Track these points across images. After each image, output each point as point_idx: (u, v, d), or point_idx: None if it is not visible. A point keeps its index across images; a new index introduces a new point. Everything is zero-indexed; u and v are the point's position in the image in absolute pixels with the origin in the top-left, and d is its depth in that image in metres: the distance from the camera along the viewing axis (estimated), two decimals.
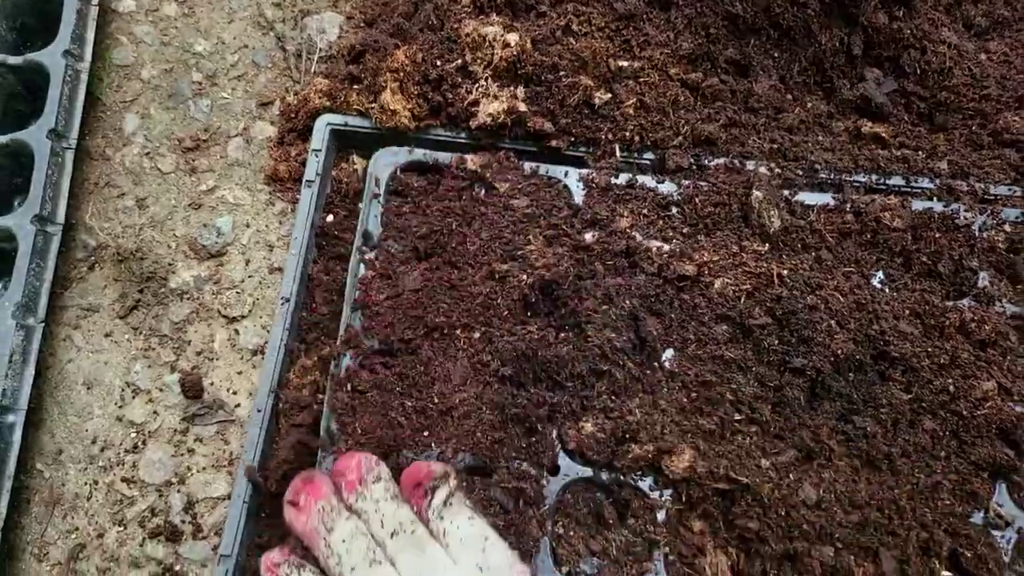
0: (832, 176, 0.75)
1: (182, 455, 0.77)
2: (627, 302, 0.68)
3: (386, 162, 0.75)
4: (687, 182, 0.75)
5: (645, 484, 0.64)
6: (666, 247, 0.71)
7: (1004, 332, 0.68)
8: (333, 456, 0.65)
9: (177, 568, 0.73)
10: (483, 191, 0.74)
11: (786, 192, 0.74)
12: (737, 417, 0.66)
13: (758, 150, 0.77)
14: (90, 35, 0.83)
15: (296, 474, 0.62)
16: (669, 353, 0.68)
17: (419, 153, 0.75)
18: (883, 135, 0.78)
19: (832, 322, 0.67)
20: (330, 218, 0.80)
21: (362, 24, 0.89)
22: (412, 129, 0.78)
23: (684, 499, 0.63)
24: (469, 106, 0.77)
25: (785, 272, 0.69)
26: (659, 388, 0.66)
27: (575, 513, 0.64)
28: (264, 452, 0.71)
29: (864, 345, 0.66)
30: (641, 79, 0.79)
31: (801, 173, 0.75)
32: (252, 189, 0.84)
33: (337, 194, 0.81)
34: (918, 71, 0.81)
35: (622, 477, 0.64)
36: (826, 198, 0.74)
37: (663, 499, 0.63)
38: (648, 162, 0.78)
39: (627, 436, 0.64)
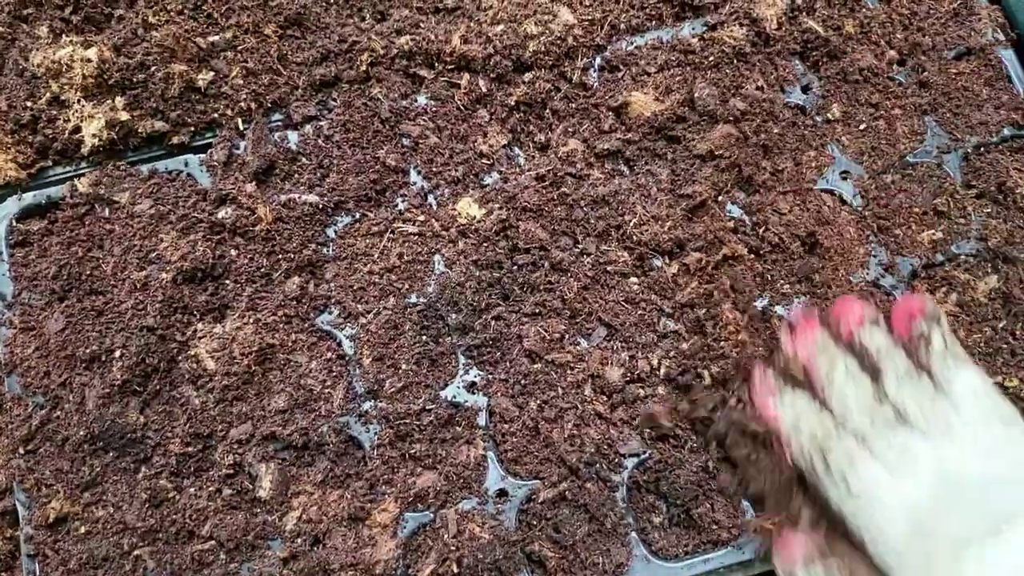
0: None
1: None
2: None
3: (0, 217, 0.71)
4: (308, 128, 0.74)
5: None
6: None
7: None
8: (34, 526, 0.62)
9: None
10: (105, 209, 0.71)
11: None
12: None
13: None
14: None
15: (19, 567, 0.62)
16: None
17: (29, 197, 0.72)
18: None
19: None
20: None
21: None
22: (26, 178, 0.74)
23: None
24: (72, 134, 0.74)
25: None
26: None
27: None
28: None
29: None
30: (239, 47, 0.78)
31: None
32: None
33: None
34: None
35: None
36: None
37: None
38: (280, 122, 0.76)
39: None
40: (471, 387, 0.66)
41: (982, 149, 0.74)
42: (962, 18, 0.78)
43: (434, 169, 0.72)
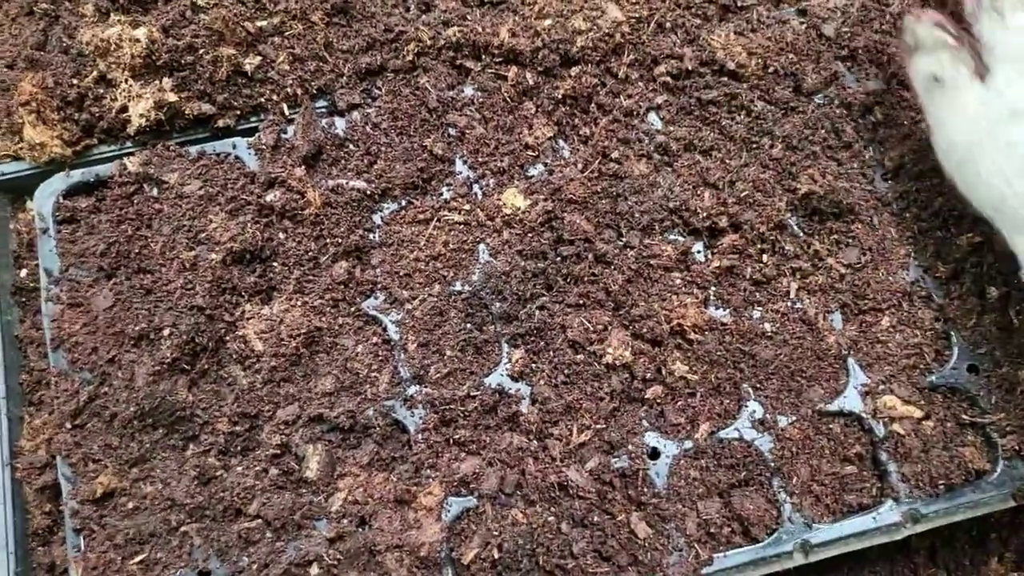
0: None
1: None
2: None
3: (46, 194, 0.72)
4: (356, 114, 0.74)
5: None
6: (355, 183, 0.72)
7: None
8: (80, 501, 0.63)
9: None
10: (154, 189, 0.71)
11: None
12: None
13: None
14: None
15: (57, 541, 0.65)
16: None
17: (77, 174, 0.72)
18: None
19: None
20: (23, 273, 0.76)
21: (3, 69, 0.84)
22: (71, 156, 0.75)
23: None
24: (119, 113, 0.74)
25: None
26: None
27: None
28: (16, 525, 0.67)
29: None
30: (286, 33, 0.78)
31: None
32: None
33: (22, 246, 0.76)
34: None
35: None
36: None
37: None
38: (324, 109, 0.77)
39: None
40: (514, 375, 0.67)
41: None
42: None
43: (480, 159, 0.73)
